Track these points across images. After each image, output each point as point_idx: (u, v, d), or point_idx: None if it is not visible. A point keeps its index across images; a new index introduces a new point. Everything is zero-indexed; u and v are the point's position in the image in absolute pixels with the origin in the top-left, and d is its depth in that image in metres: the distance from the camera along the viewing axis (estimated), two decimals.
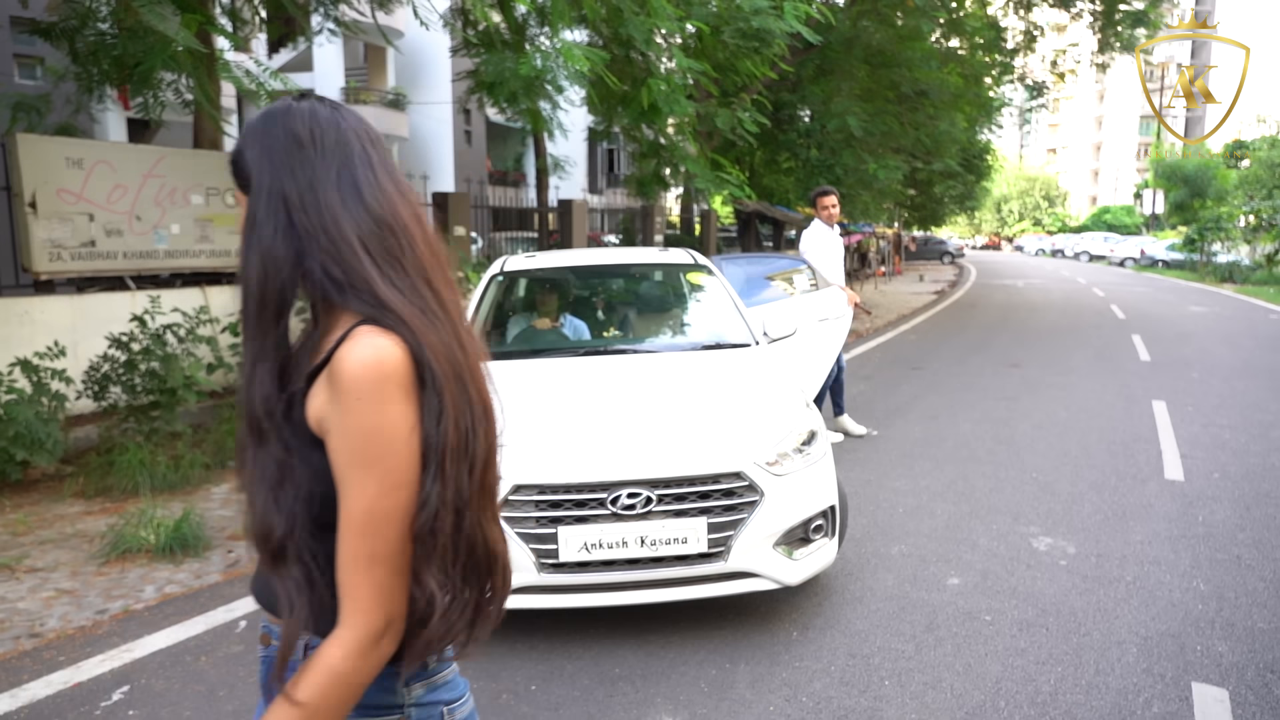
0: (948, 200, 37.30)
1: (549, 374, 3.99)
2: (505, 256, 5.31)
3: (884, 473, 5.86)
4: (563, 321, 4.99)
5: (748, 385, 3.84)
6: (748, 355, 4.20)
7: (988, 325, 15.44)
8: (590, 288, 5.09)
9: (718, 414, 3.53)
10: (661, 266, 5.10)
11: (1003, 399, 8.44)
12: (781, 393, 3.77)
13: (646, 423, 3.44)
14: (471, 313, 4.61)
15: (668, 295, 5.06)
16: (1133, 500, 5.23)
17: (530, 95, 8.00)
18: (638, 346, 4.36)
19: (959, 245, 50.02)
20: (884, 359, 11.32)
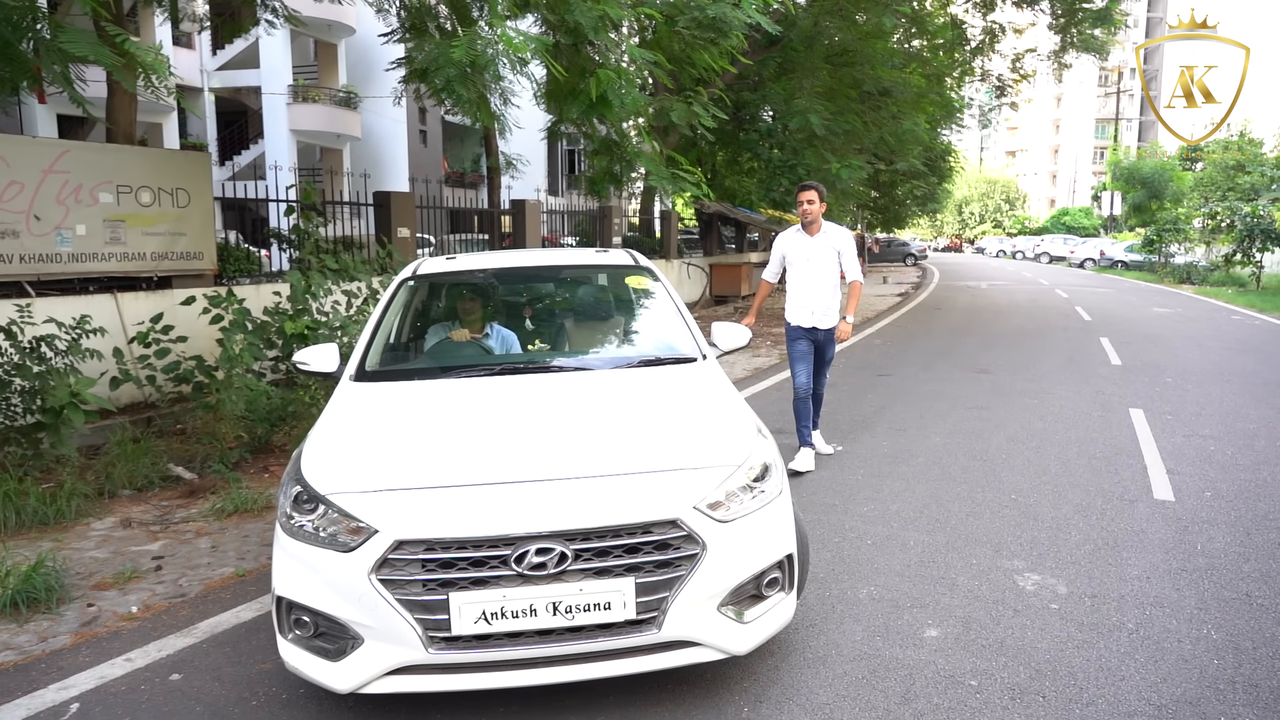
0: (910, 202, 37.22)
1: (452, 398, 3.36)
2: (421, 258, 4.68)
3: (850, 496, 5.31)
4: (489, 332, 4.37)
5: (690, 409, 3.25)
6: (693, 372, 3.61)
7: (953, 328, 15.06)
8: (515, 293, 4.48)
9: (651, 447, 2.93)
10: (597, 269, 4.50)
11: (974, 408, 7.96)
12: (730, 418, 3.19)
13: (564, 459, 2.83)
14: (374, 323, 3.97)
15: (603, 302, 4.47)
16: (1123, 526, 4.73)
17: (467, 84, 7.36)
18: (563, 363, 3.74)
19: (922, 247, 50.12)
20: (849, 365, 10.82)
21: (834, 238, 5.76)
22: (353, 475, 2.81)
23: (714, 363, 3.74)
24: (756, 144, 21.84)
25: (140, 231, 8.93)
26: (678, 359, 3.73)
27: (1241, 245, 25.65)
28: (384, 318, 4.01)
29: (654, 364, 3.68)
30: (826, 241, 5.75)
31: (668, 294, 4.15)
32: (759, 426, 3.23)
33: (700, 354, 3.78)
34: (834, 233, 5.78)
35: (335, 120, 26.93)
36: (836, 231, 5.78)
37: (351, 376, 3.63)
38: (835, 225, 5.78)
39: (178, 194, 9.23)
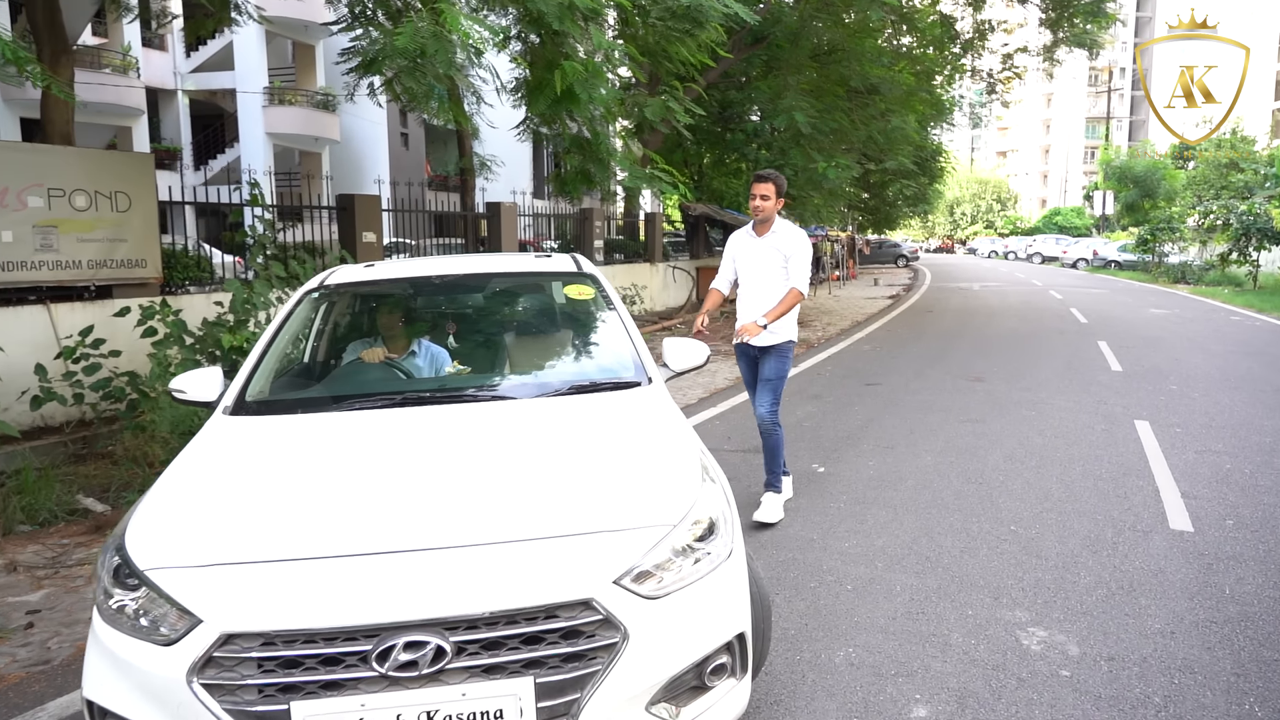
0: (901, 202, 36.72)
1: (334, 437, 2.77)
2: (336, 267, 4.09)
3: (830, 528, 4.74)
4: (415, 350, 3.78)
5: (622, 449, 2.65)
6: (633, 400, 3.03)
7: (945, 332, 14.51)
8: (441, 306, 3.89)
9: (565, 502, 2.34)
10: (532, 277, 3.91)
11: (967, 421, 7.40)
12: (670, 459, 2.60)
13: (452, 522, 2.24)
14: (263, 343, 3.38)
15: (537, 315, 3.88)
16: (1138, 564, 4.16)
17: (416, 76, 6.78)
18: (478, 390, 3.15)
19: (913, 248, 49.66)
20: (835, 373, 10.26)
21: (782, 240, 4.71)
22: (184, 544, 2.22)
23: (660, 388, 3.16)
24: (742, 144, 21.30)
25: (75, 238, 8.32)
26: (617, 383, 3.15)
27: (1237, 244, 25.21)
28: (277, 336, 3.42)
29: (588, 390, 3.09)
30: (773, 244, 4.73)
31: (611, 305, 3.57)
32: (706, 468, 2.64)
33: (645, 377, 3.19)
34: (784, 234, 4.74)
35: (313, 123, 26.31)
36: (787, 233, 4.74)
37: (226, 409, 3.04)
38: (790, 226, 4.78)
39: (117, 197, 8.62)
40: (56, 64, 8.88)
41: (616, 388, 3.13)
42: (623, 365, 3.28)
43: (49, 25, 8.80)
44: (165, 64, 25.53)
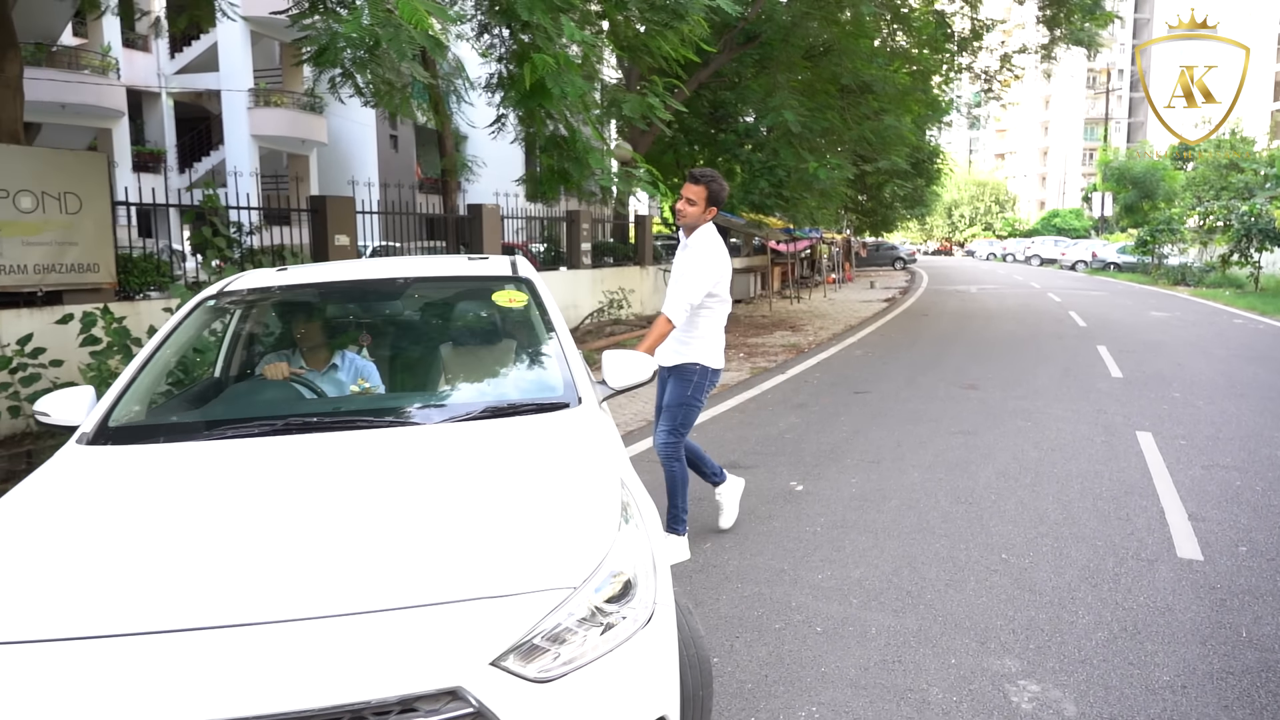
0: (897, 204, 36.33)
1: (187, 474, 2.34)
2: (242, 272, 3.67)
3: (803, 556, 4.31)
4: (336, 364, 3.37)
5: (528, 489, 2.22)
6: (556, 425, 2.60)
7: (940, 337, 14.09)
8: (350, 314, 3.47)
9: (444, 561, 1.90)
10: (459, 283, 3.48)
11: (959, 432, 6.97)
12: (583, 500, 2.17)
13: (290, 589, 1.81)
14: (140, 360, 2.95)
15: (461, 326, 3.45)
16: (1142, 600, 3.73)
17: (363, 67, 6.37)
18: (379, 414, 2.72)
19: (911, 251, 49.26)
20: (824, 380, 9.84)
21: (689, 254, 4.09)
22: None
23: (591, 409, 2.73)
24: (734, 145, 20.92)
25: (20, 241, 7.92)
26: (540, 405, 2.72)
27: (1239, 245, 24.80)
28: (158, 351, 2.99)
29: (505, 413, 2.67)
30: (685, 255, 4.13)
31: (544, 314, 3.14)
32: (629, 506, 2.21)
33: (575, 397, 2.76)
34: (693, 247, 4.09)
35: (300, 125, 25.89)
36: (696, 246, 4.08)
37: (83, 436, 2.62)
38: (705, 240, 4.09)
39: (66, 199, 8.22)
40: (3, 59, 8.48)
41: (540, 410, 2.70)
42: (550, 384, 2.86)
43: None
44: (149, 65, 25.13)
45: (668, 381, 4.23)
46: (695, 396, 4.18)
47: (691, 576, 4.05)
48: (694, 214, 4.07)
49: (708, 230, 4.14)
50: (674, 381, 4.19)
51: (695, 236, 4.13)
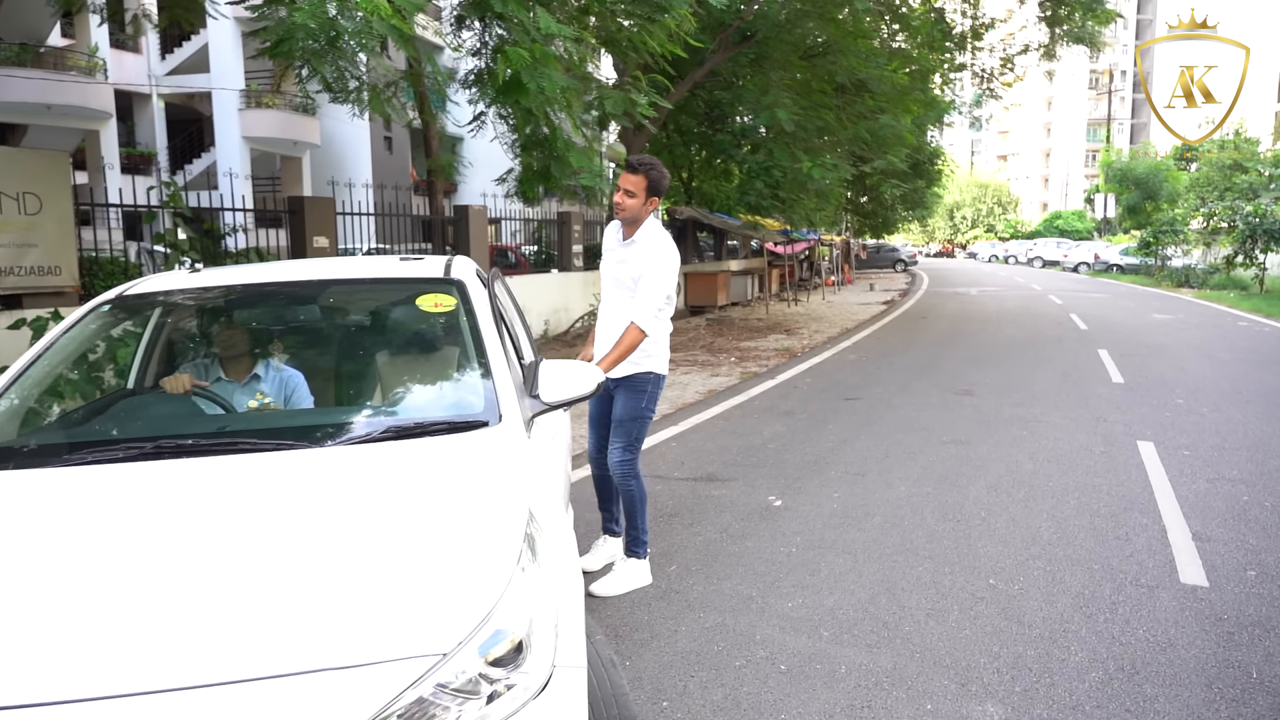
0: (896, 204, 36.01)
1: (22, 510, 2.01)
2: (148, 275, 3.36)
3: (774, 581, 3.98)
4: (259, 374, 3.05)
5: (416, 528, 1.88)
6: (466, 448, 2.27)
7: (938, 340, 13.76)
8: (264, 320, 3.15)
9: (292, 621, 1.57)
10: (381, 285, 3.15)
11: (951, 442, 6.64)
12: (476, 542, 1.84)
13: (97, 661, 1.48)
14: (21, 364, 2.64)
15: (378, 333, 3.12)
16: (1141, 633, 3.40)
17: (321, 59, 6.06)
18: (268, 435, 2.39)
19: (912, 253, 48.92)
20: (814, 386, 9.51)
21: (639, 252, 3.71)
22: None
23: (513, 428, 2.40)
24: (730, 145, 20.62)
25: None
26: (453, 424, 2.40)
27: (1243, 246, 24.43)
28: (35, 362, 2.67)
29: (412, 434, 2.34)
30: (630, 254, 3.74)
31: (473, 320, 2.81)
32: (532, 544, 1.89)
33: (495, 414, 2.44)
34: (642, 245, 3.71)
35: (292, 127, 25.62)
36: (646, 243, 3.71)
37: None
38: (654, 234, 3.73)
39: (25, 199, 7.93)
40: None
41: (453, 429, 2.38)
42: (468, 400, 2.53)
43: None
44: (140, 67, 24.86)
45: (614, 394, 3.87)
46: (649, 408, 3.85)
47: (650, 605, 3.73)
48: (634, 206, 3.67)
49: (654, 225, 3.78)
50: (625, 394, 3.83)
51: (642, 233, 3.75)
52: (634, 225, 3.76)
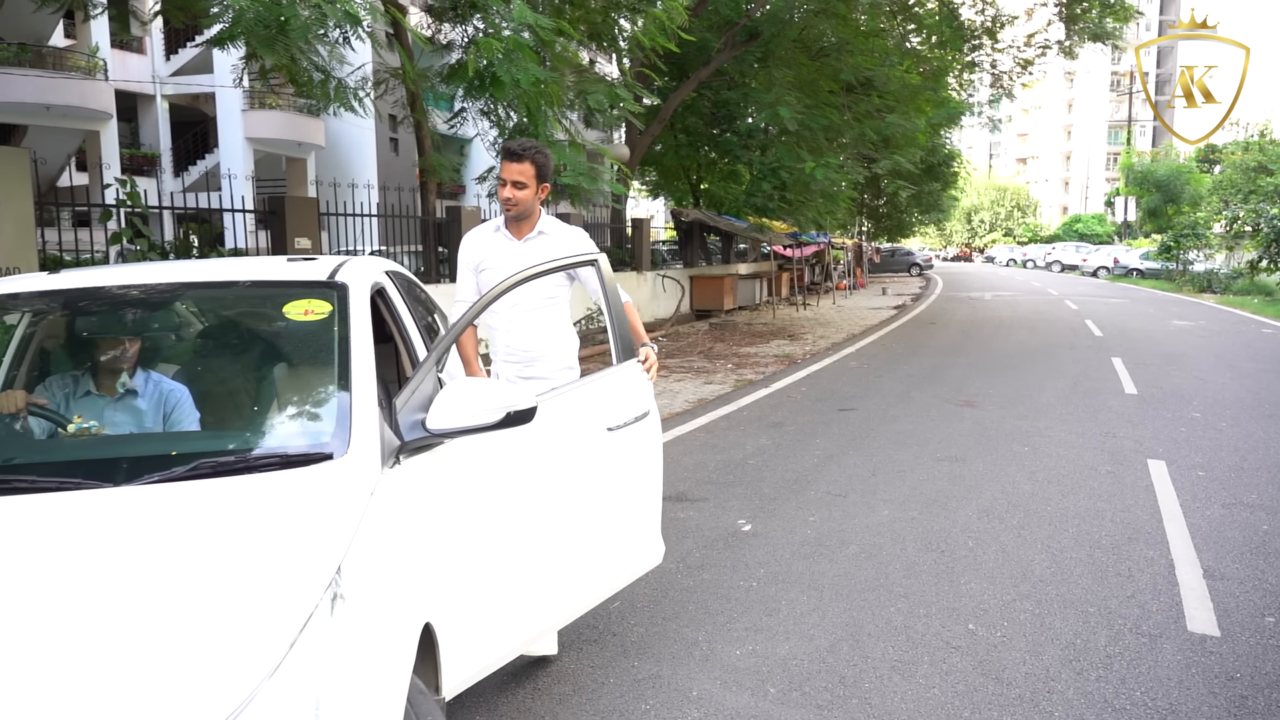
0: (911, 208, 35.42)
1: None
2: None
3: (726, 622, 3.54)
4: (133, 388, 2.65)
5: (181, 606, 1.46)
6: (288, 491, 1.86)
7: (945, 347, 13.24)
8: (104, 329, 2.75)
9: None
10: (249, 290, 2.74)
11: (946, 459, 6.17)
12: (238, 627, 1.43)
13: None
14: None
15: (233, 346, 2.71)
16: (1140, 695, 2.93)
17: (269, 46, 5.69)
18: (58, 473, 1.98)
19: (927, 257, 48.22)
20: (808, 395, 9.05)
21: (559, 241, 3.22)
22: None
23: (362, 464, 1.98)
24: (735, 146, 20.18)
25: None
26: (288, 457, 1.98)
27: (1268, 250, 23.69)
28: None
29: (233, 469, 1.93)
30: (549, 247, 3.19)
31: (345, 330, 2.39)
32: (342, 600, 1.47)
33: (342, 445, 2.02)
34: (558, 232, 3.26)
35: (296, 128, 25.42)
36: (562, 228, 3.28)
37: None
38: (562, 224, 3.31)
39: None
40: None
41: (286, 463, 1.96)
42: (314, 427, 2.12)
43: None
44: (144, 67, 24.73)
45: None
46: None
47: (581, 649, 3.30)
48: (527, 198, 3.15)
49: (551, 217, 3.31)
50: None
51: (548, 224, 3.27)
52: (527, 221, 3.22)
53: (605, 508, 2.82)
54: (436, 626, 2.04)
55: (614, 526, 2.87)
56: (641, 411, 2.95)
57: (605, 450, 2.82)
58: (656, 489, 3.11)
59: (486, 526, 2.39)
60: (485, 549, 2.38)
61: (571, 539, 2.68)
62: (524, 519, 2.51)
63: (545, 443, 2.58)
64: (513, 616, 2.47)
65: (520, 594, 2.49)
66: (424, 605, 1.97)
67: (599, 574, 2.82)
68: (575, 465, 2.70)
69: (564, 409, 2.69)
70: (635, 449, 2.94)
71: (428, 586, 2.04)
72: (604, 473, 2.82)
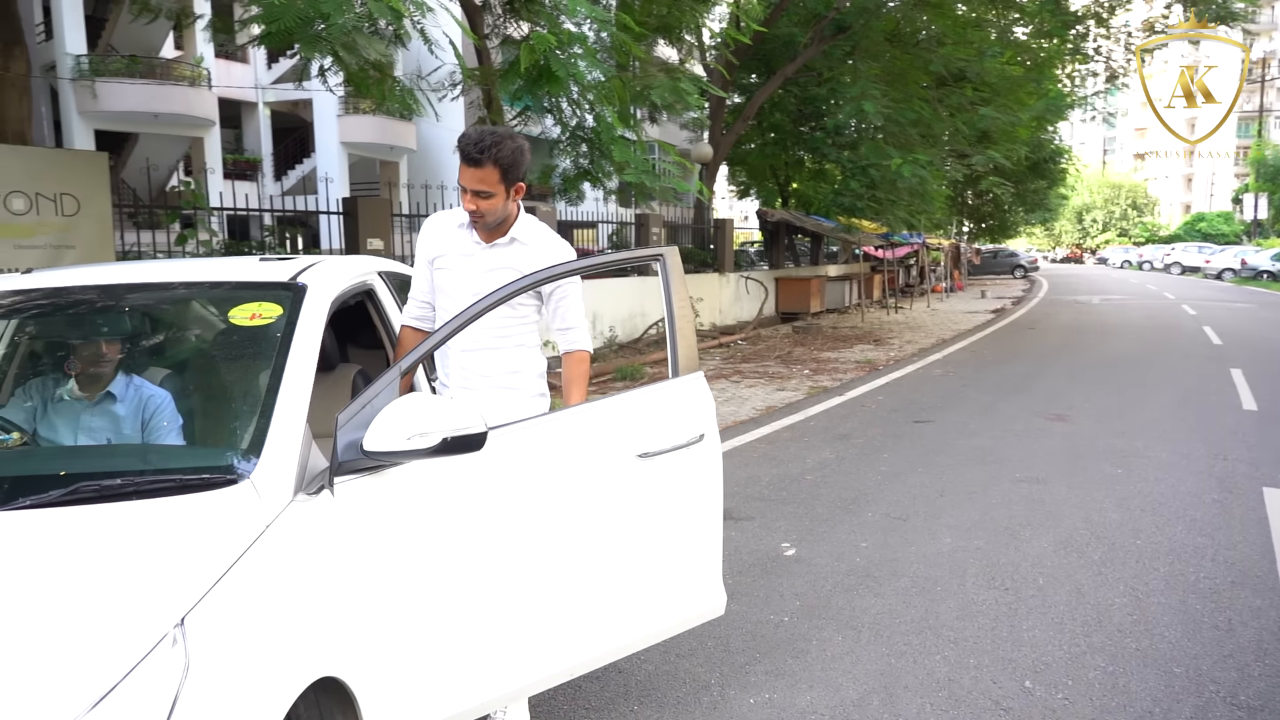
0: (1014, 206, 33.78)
1: None
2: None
3: (746, 662, 3.17)
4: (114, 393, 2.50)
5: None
6: (164, 521, 1.62)
7: (1041, 354, 12.38)
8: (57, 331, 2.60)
9: None
10: (199, 292, 2.52)
11: (1025, 480, 5.60)
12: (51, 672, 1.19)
13: None
14: None
15: (173, 351, 2.50)
16: None
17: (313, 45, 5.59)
18: None
19: (1033, 258, 46.02)
20: (884, 405, 8.51)
21: (532, 256, 2.57)
22: None
23: (273, 489, 1.72)
24: (823, 143, 19.55)
25: (12, 244, 7.59)
26: (184, 480, 1.74)
27: None
28: None
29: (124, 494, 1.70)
30: (513, 261, 2.57)
31: (289, 336, 2.14)
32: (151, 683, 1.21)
33: (248, 467, 1.77)
34: (534, 239, 2.62)
35: (388, 132, 26.01)
36: (539, 235, 2.64)
37: None
38: (543, 230, 2.66)
39: (62, 200, 7.87)
40: (9, 55, 8.21)
41: (183, 488, 1.73)
42: (224, 445, 1.88)
43: (3, 14, 8.14)
44: (247, 76, 25.75)
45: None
46: None
47: (579, 688, 3.00)
48: (494, 207, 2.50)
49: (531, 219, 2.66)
50: None
51: (523, 228, 2.61)
52: (500, 228, 2.59)
53: (627, 548, 2.44)
54: (352, 682, 1.77)
55: (642, 570, 2.46)
56: (693, 435, 2.57)
57: (633, 480, 2.45)
58: (713, 525, 2.70)
59: (444, 567, 2.09)
60: (439, 593, 2.08)
61: (570, 584, 2.33)
62: (499, 561, 2.19)
63: (539, 471, 2.26)
64: (468, 675, 2.16)
65: (482, 649, 2.18)
66: (327, 656, 1.69)
67: (610, 626, 2.42)
68: (582, 498, 2.34)
69: (570, 431, 2.36)
70: (680, 479, 2.54)
71: (340, 634, 1.77)
72: (629, 506, 2.45)
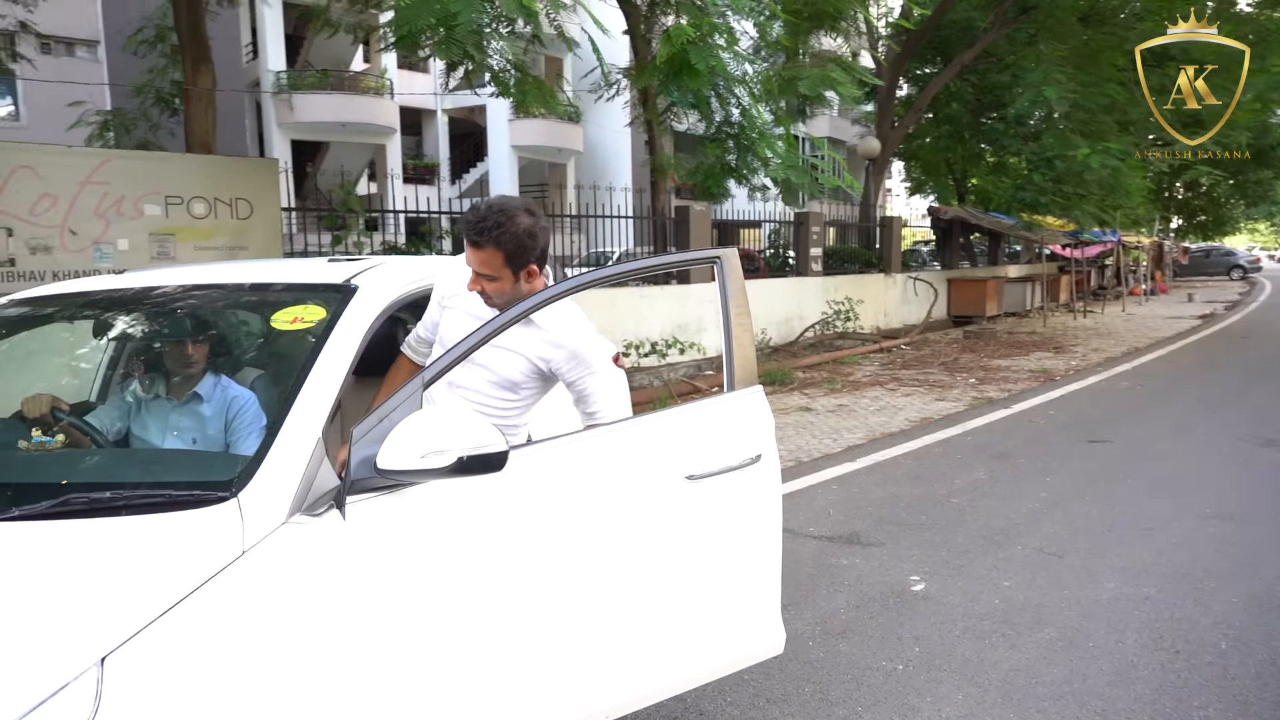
0: (1233, 200, 30.24)
1: None
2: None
3: (843, 717, 2.80)
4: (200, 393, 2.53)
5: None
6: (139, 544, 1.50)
7: (1254, 367, 10.87)
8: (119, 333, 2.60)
9: None
10: (250, 294, 2.44)
11: (1217, 517, 4.80)
12: None
13: None
14: None
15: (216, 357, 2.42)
16: None
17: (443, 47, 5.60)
18: None
19: (1255, 257, 41.09)
20: (1054, 421, 7.68)
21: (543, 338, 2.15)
22: None
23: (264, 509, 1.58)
24: (1002, 134, 18.22)
25: (193, 246, 8.25)
26: (174, 496, 1.63)
27: None
28: None
29: (105, 509, 1.61)
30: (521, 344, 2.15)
31: (323, 342, 2.02)
32: None
33: (243, 483, 1.64)
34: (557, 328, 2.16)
35: (556, 135, 26.68)
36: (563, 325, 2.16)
37: None
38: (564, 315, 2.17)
39: (237, 204, 8.48)
40: (197, 72, 8.91)
41: (173, 505, 1.62)
42: (223, 458, 1.77)
43: (192, 34, 8.85)
44: (427, 85, 27.15)
45: None
46: None
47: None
48: (502, 290, 2.14)
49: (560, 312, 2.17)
50: None
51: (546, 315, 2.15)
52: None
53: (673, 579, 2.19)
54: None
55: (689, 604, 2.22)
56: (749, 456, 2.31)
57: (679, 504, 2.21)
58: (770, 555, 2.43)
59: (470, 602, 1.91)
60: (462, 633, 1.90)
61: (608, 619, 2.10)
62: (529, 596, 1.99)
63: (576, 494, 2.05)
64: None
65: (507, 697, 1.98)
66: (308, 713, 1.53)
67: (653, 665, 2.19)
68: (623, 524, 2.12)
69: (611, 451, 2.13)
70: (733, 503, 2.29)
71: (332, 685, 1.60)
72: (674, 534, 2.21)
